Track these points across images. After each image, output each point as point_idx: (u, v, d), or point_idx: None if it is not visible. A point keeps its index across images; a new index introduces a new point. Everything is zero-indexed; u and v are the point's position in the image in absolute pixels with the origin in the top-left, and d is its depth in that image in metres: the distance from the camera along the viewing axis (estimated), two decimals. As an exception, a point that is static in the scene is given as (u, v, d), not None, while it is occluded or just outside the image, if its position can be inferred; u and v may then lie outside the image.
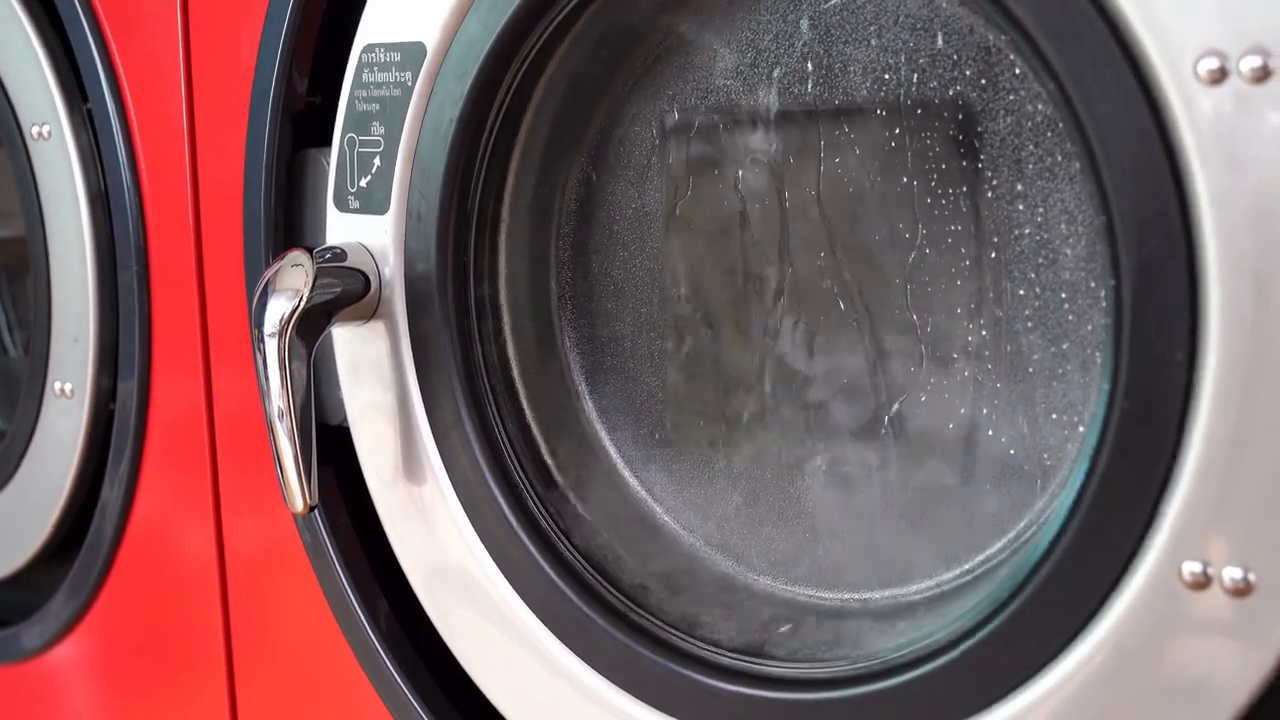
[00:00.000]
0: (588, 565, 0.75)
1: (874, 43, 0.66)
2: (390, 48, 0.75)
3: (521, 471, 0.76)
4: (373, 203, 0.77)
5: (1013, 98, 0.63)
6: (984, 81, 0.63)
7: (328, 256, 0.76)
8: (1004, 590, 0.60)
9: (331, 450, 0.83)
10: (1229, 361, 0.52)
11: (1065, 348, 0.63)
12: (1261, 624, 0.53)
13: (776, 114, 0.71)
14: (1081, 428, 0.63)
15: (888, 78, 0.66)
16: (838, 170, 0.70)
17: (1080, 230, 0.62)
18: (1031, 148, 0.63)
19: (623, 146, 0.77)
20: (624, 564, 0.75)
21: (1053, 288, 0.63)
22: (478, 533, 0.76)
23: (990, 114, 0.63)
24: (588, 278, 0.79)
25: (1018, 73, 0.62)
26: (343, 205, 0.79)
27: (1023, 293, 0.64)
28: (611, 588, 0.74)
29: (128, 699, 1.04)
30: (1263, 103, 0.50)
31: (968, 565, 0.67)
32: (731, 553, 0.76)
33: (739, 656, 0.69)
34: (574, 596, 0.73)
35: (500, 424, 0.77)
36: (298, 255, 0.75)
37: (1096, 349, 0.62)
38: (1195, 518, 0.54)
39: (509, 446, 0.76)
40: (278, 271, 0.74)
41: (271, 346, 0.73)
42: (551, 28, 0.71)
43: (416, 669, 0.82)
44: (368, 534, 0.84)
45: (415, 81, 0.74)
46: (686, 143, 0.75)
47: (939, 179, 0.66)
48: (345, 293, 0.76)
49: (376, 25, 0.76)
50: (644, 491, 0.79)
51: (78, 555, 1.02)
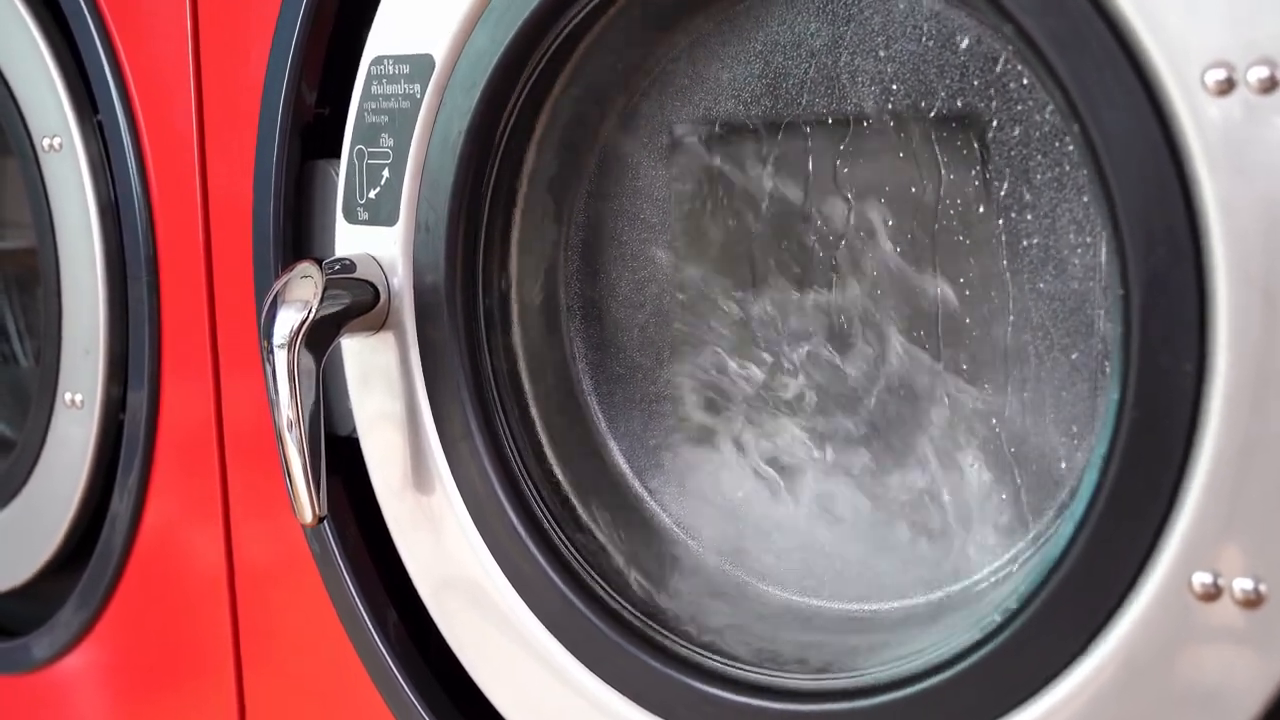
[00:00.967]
0: (596, 576, 0.74)
1: (881, 53, 0.66)
2: (399, 60, 0.75)
3: (530, 482, 0.76)
4: (382, 214, 0.77)
5: (1020, 108, 0.63)
6: (991, 92, 0.63)
7: (337, 268, 0.76)
8: (1014, 601, 0.59)
9: (340, 461, 0.84)
10: (1238, 371, 0.52)
11: (1074, 357, 0.63)
12: (1273, 635, 0.53)
13: (784, 125, 0.71)
14: (1091, 437, 0.63)
15: (895, 88, 0.66)
16: (844, 181, 0.70)
17: (1088, 240, 0.62)
18: (1039, 158, 0.63)
19: (631, 158, 0.77)
20: (632, 575, 0.75)
21: (1061, 297, 0.63)
22: (486, 543, 0.76)
23: (998, 124, 0.63)
24: (597, 289, 0.79)
25: (1025, 83, 0.62)
26: (352, 217, 0.79)
27: (1031, 302, 0.64)
28: (620, 598, 0.74)
29: (137, 709, 1.04)
30: (1270, 113, 0.50)
31: (977, 576, 0.67)
32: (741, 563, 0.76)
33: (748, 667, 0.69)
34: (583, 607, 0.73)
35: (509, 434, 0.77)
36: (307, 267, 0.75)
37: (1105, 359, 0.62)
38: (1205, 528, 0.53)
39: (518, 457, 0.76)
40: (287, 283, 0.74)
41: (281, 358, 0.73)
42: (559, 40, 0.72)
43: (424, 679, 0.82)
44: (376, 544, 0.84)
45: (424, 94, 0.74)
46: (695, 154, 0.75)
47: (946, 189, 0.66)
48: (354, 304, 0.76)
49: (385, 38, 0.76)
50: (653, 501, 0.79)
51: (87, 566, 1.02)
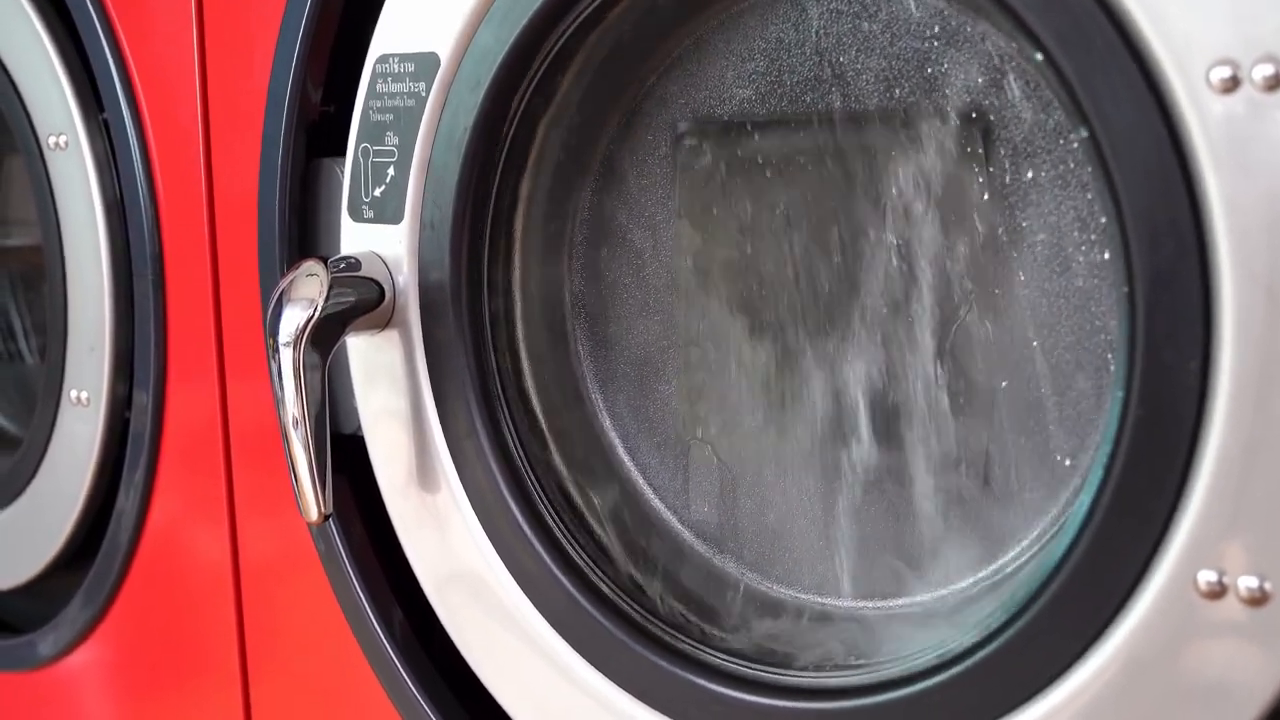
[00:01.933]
0: (601, 573, 0.75)
1: (887, 51, 0.66)
2: (404, 58, 0.75)
3: (535, 480, 0.76)
4: (387, 212, 0.77)
5: (1026, 105, 0.63)
6: (996, 89, 0.63)
7: (342, 266, 0.76)
8: (1019, 598, 0.59)
9: (346, 459, 0.84)
10: (1242, 369, 0.52)
11: (1079, 354, 0.63)
12: (1278, 632, 0.53)
13: (787, 123, 0.71)
14: (1096, 435, 0.63)
15: (899, 86, 0.66)
16: (849, 179, 0.70)
17: (1093, 237, 0.62)
18: (1044, 155, 0.63)
19: (635, 155, 0.77)
20: (636, 573, 0.75)
21: (1066, 294, 0.63)
22: (491, 541, 0.76)
23: (1003, 121, 0.63)
24: (601, 287, 0.79)
25: (1030, 80, 0.62)
26: (357, 215, 0.79)
27: (1036, 299, 0.64)
28: (625, 596, 0.74)
29: (142, 706, 1.04)
30: (1275, 110, 0.50)
31: (983, 573, 0.67)
32: (746, 560, 0.76)
33: (754, 665, 0.69)
34: (587, 604, 0.73)
35: (514, 433, 0.77)
36: (312, 265, 0.75)
37: (1110, 356, 0.62)
38: (1210, 526, 0.53)
39: (523, 455, 0.77)
40: (292, 281, 0.74)
41: (286, 356, 0.73)
42: (564, 38, 0.72)
43: (430, 676, 0.83)
44: (381, 542, 0.84)
45: (429, 92, 0.74)
46: (699, 151, 0.75)
47: (952, 186, 0.66)
48: (360, 302, 0.76)
49: (390, 36, 0.76)
50: (658, 500, 0.79)
51: (93, 563, 1.02)
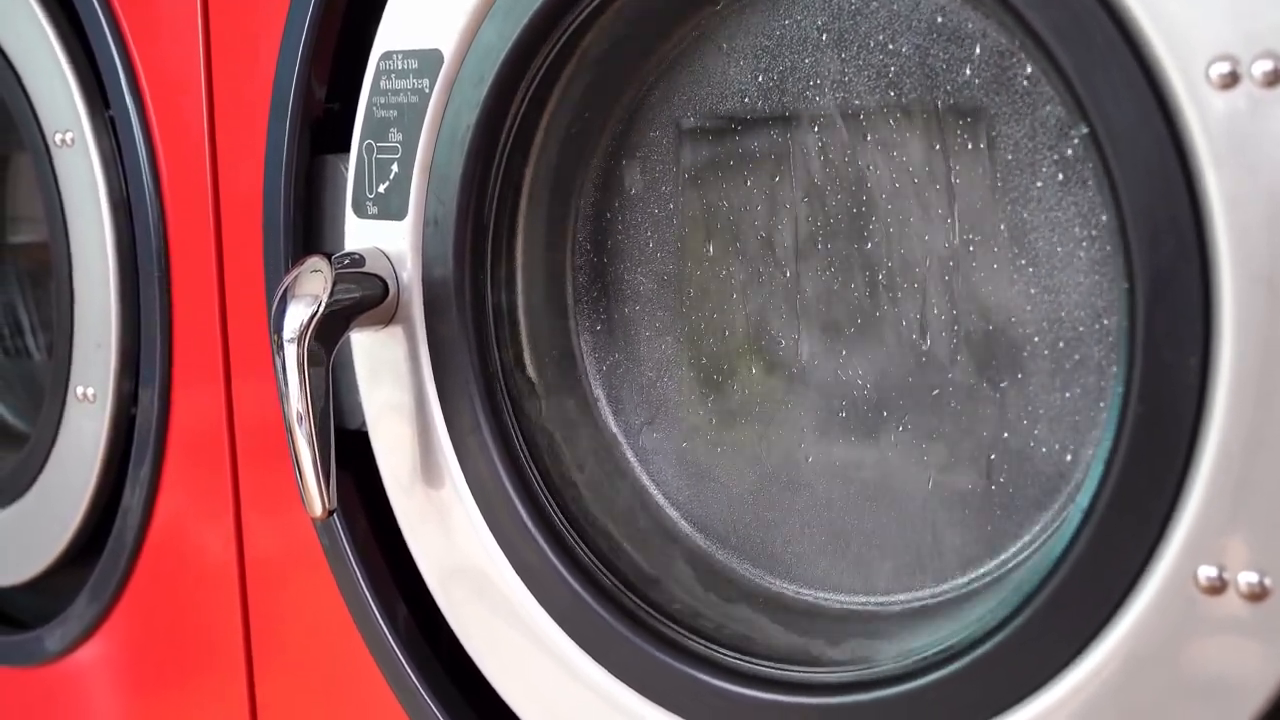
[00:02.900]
0: (604, 569, 0.75)
1: (888, 47, 0.66)
2: (408, 55, 0.76)
3: (538, 476, 0.77)
4: (391, 208, 0.78)
5: (1026, 101, 0.63)
6: (997, 85, 0.63)
7: (346, 262, 0.77)
8: (1020, 595, 0.60)
9: (350, 455, 0.84)
10: (1242, 366, 0.52)
11: (1080, 351, 0.63)
12: (1278, 628, 0.53)
13: (789, 119, 0.71)
14: (1096, 431, 0.63)
15: (901, 82, 0.66)
16: (851, 174, 0.70)
17: (1094, 234, 0.62)
18: (1045, 152, 0.63)
19: (638, 151, 0.77)
20: (640, 567, 0.75)
21: (1066, 290, 0.63)
22: (495, 536, 0.76)
23: (1003, 118, 0.63)
24: (604, 283, 0.80)
25: (1030, 76, 0.62)
26: (361, 211, 0.79)
27: (1036, 294, 0.64)
28: (628, 591, 0.74)
29: (149, 701, 1.05)
30: (1275, 107, 0.50)
31: (983, 570, 0.67)
32: (747, 555, 0.76)
33: (755, 660, 0.69)
34: (590, 600, 0.73)
35: (517, 428, 0.77)
36: (316, 261, 0.75)
37: (1111, 353, 0.62)
38: (1210, 522, 0.53)
39: (526, 451, 0.77)
40: (297, 277, 0.74)
41: (291, 352, 0.73)
42: (566, 35, 0.72)
43: (434, 672, 0.83)
44: (386, 538, 0.84)
45: (432, 88, 0.75)
46: (701, 147, 0.75)
47: (952, 183, 0.66)
48: (364, 298, 0.77)
49: (394, 33, 0.76)
50: (660, 494, 0.79)
51: (99, 559, 1.02)
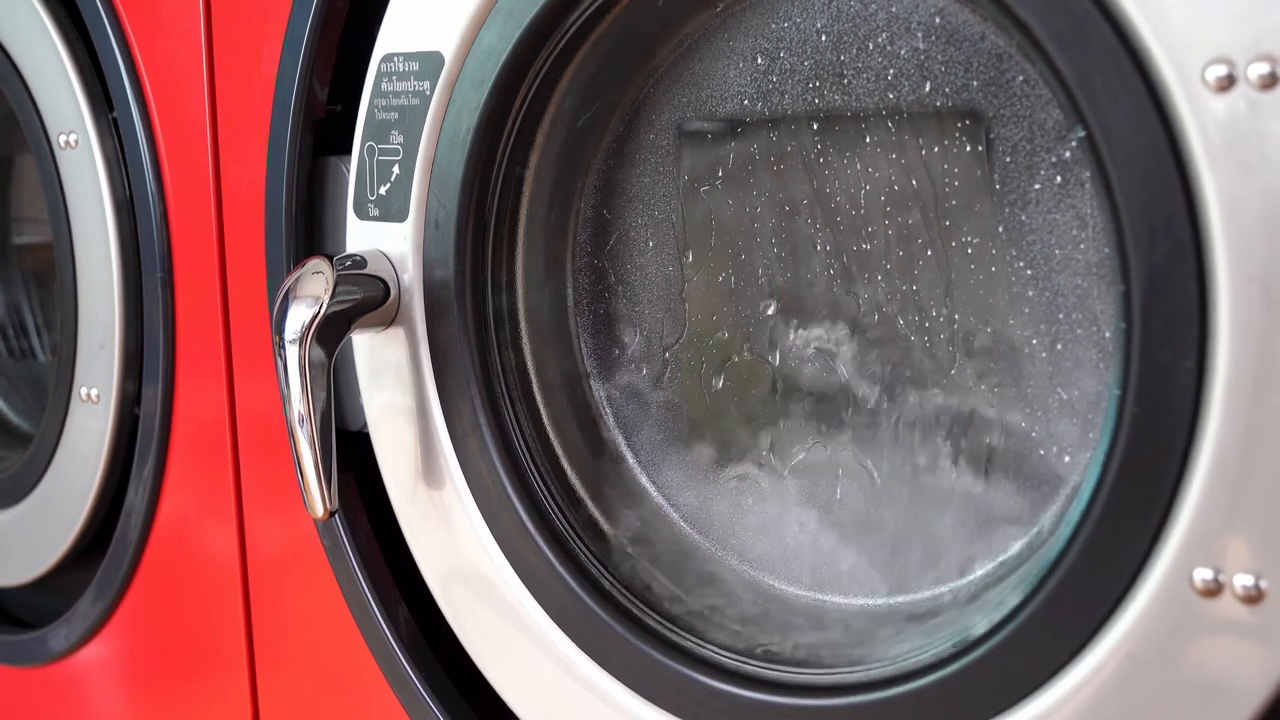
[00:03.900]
0: (604, 570, 0.75)
1: (887, 49, 0.66)
2: (409, 57, 0.76)
3: (538, 476, 0.77)
4: (392, 210, 0.78)
5: (1024, 104, 0.63)
6: (995, 88, 0.63)
7: (348, 264, 0.77)
8: (1016, 596, 0.60)
9: (352, 456, 0.84)
10: (1238, 368, 0.52)
11: (1077, 353, 0.63)
12: (1274, 630, 0.53)
13: (788, 121, 0.71)
14: (1093, 434, 0.63)
15: (900, 84, 0.66)
16: (850, 176, 0.70)
17: (1091, 235, 0.62)
18: (1042, 153, 0.63)
19: (638, 154, 0.77)
20: (639, 569, 0.75)
21: (1064, 292, 0.63)
22: (495, 537, 0.77)
23: (1001, 120, 0.64)
24: (604, 285, 0.80)
25: (1028, 79, 0.62)
26: (362, 213, 0.79)
27: (1034, 296, 0.64)
28: (627, 592, 0.74)
29: (152, 700, 1.05)
30: (1270, 109, 0.50)
31: (981, 572, 0.67)
32: (748, 557, 0.76)
33: (753, 662, 0.69)
34: (589, 601, 0.73)
35: (518, 430, 0.77)
36: (318, 263, 0.75)
37: (1108, 354, 0.62)
38: (1206, 524, 0.54)
39: (526, 452, 0.77)
40: (298, 279, 0.75)
41: (292, 353, 0.73)
42: (567, 38, 0.72)
43: (434, 672, 0.83)
44: (387, 538, 0.85)
45: (433, 90, 0.75)
46: (702, 149, 0.75)
47: (950, 185, 0.66)
48: (365, 299, 0.77)
49: (395, 35, 0.77)
50: (660, 496, 0.79)
51: (103, 559, 1.03)
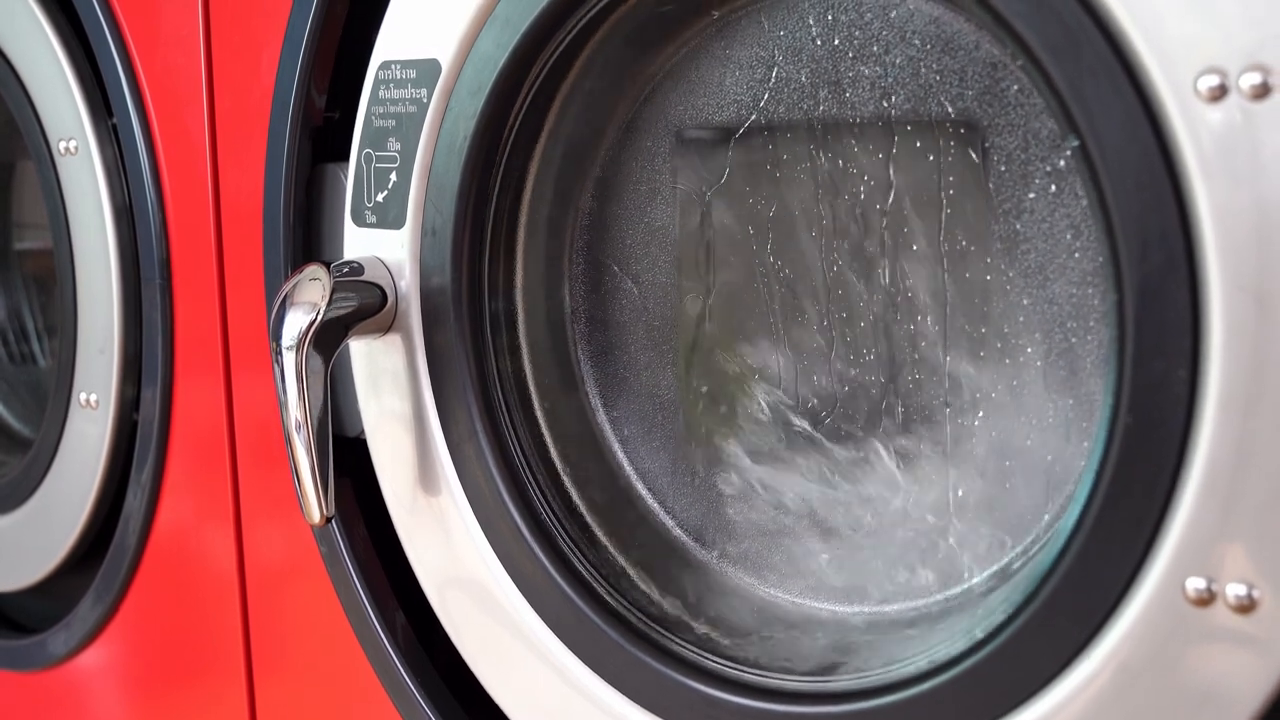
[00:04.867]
0: (600, 578, 0.75)
1: (882, 59, 0.67)
2: (406, 65, 0.76)
3: (535, 483, 0.77)
4: (389, 217, 0.78)
5: (1019, 113, 0.63)
6: (990, 97, 0.64)
7: (345, 270, 0.77)
8: (1009, 605, 0.60)
9: (350, 462, 0.84)
10: (1231, 378, 0.52)
11: (1071, 362, 0.63)
12: (1267, 639, 0.53)
13: (783, 129, 0.71)
14: (1086, 443, 0.63)
15: (894, 94, 0.67)
16: (845, 185, 0.70)
17: (1085, 245, 0.62)
18: (1037, 163, 0.63)
19: (635, 161, 0.77)
20: (635, 576, 0.75)
21: (1057, 302, 0.63)
22: (491, 544, 0.77)
23: (996, 129, 0.64)
24: (601, 292, 0.80)
25: (1023, 88, 0.62)
26: (360, 220, 0.80)
27: (1028, 305, 0.64)
28: (623, 599, 0.74)
29: (150, 704, 1.05)
30: (1263, 119, 0.50)
31: (974, 581, 0.67)
32: (744, 564, 0.76)
33: (750, 669, 0.69)
34: (585, 608, 0.73)
35: (514, 437, 0.77)
36: (315, 269, 0.76)
37: (1101, 364, 0.62)
38: (1199, 534, 0.54)
39: (523, 459, 0.77)
40: (295, 285, 0.75)
41: (289, 359, 0.74)
42: (563, 45, 0.72)
43: (430, 678, 0.83)
44: (385, 545, 0.85)
45: (430, 98, 0.75)
46: (698, 157, 0.75)
47: (944, 193, 0.66)
48: (362, 306, 0.77)
49: (393, 43, 0.77)
50: (656, 503, 0.79)
51: (102, 563, 1.03)
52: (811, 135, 0.70)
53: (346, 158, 0.81)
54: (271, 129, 0.85)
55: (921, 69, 0.65)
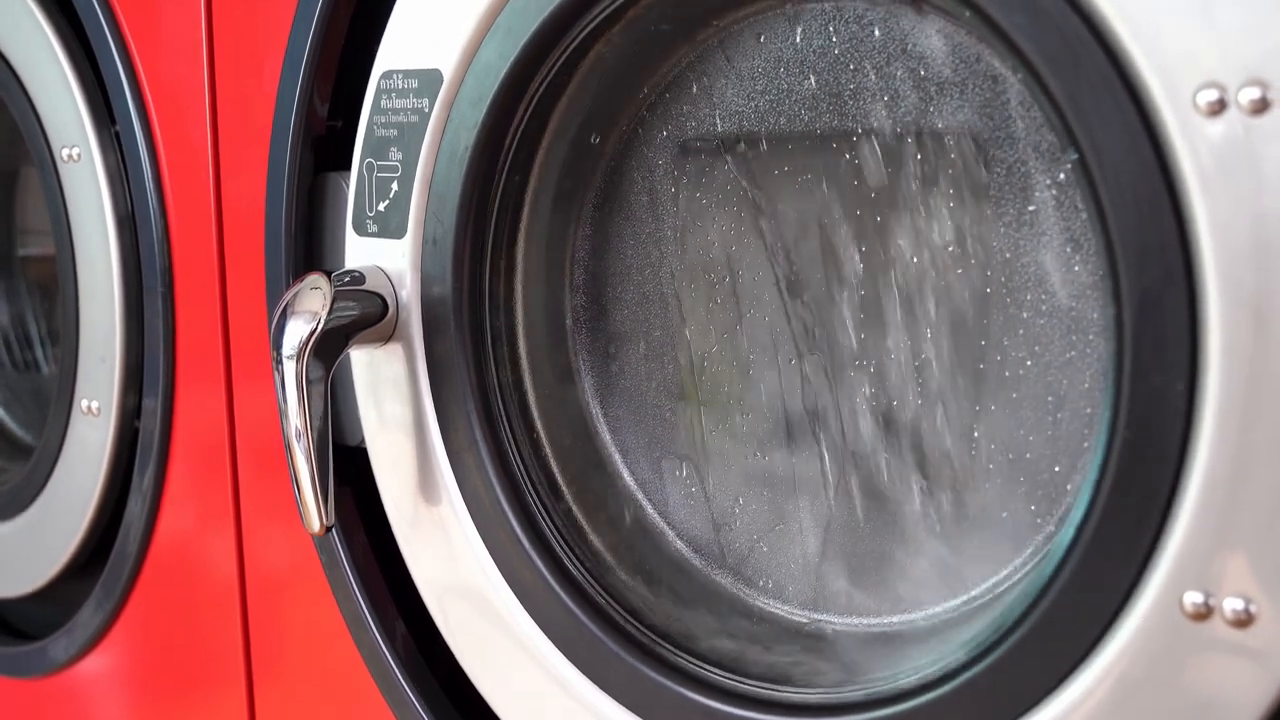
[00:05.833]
0: (599, 588, 0.75)
1: (882, 71, 0.67)
2: (408, 75, 0.76)
3: (534, 493, 0.77)
4: (390, 227, 0.78)
5: (1017, 126, 0.63)
6: (990, 110, 0.64)
7: (346, 280, 0.77)
8: (1007, 619, 0.60)
9: (350, 470, 0.85)
10: (1229, 391, 0.52)
11: (1068, 376, 0.63)
12: (1264, 653, 0.53)
13: (784, 142, 0.71)
14: (1084, 457, 0.63)
15: (895, 105, 0.67)
16: (845, 197, 0.70)
17: (1083, 258, 0.62)
18: (1036, 176, 0.63)
19: (636, 171, 0.78)
20: (634, 586, 0.75)
21: (1056, 315, 0.63)
22: (491, 554, 0.77)
23: (995, 142, 0.64)
24: (602, 302, 0.80)
25: (1023, 101, 0.62)
26: (361, 229, 0.80)
27: (1028, 319, 0.64)
28: (622, 609, 0.74)
29: (151, 711, 1.05)
30: (1262, 134, 0.50)
31: (972, 594, 0.67)
32: (742, 576, 0.76)
33: (750, 681, 0.69)
34: (584, 617, 0.73)
35: (514, 446, 0.77)
36: (316, 278, 0.76)
37: (1099, 378, 0.62)
38: (1197, 548, 0.53)
39: (522, 469, 0.77)
40: (297, 294, 0.75)
41: (290, 368, 0.74)
42: (566, 55, 0.72)
43: (430, 687, 0.83)
44: (386, 553, 0.85)
45: (432, 108, 0.75)
46: (699, 168, 0.76)
47: (944, 206, 0.66)
48: (363, 315, 0.77)
49: (395, 53, 0.77)
50: (657, 514, 0.79)
51: (103, 570, 1.03)
52: (810, 147, 0.70)
53: (348, 167, 0.81)
54: (274, 138, 0.85)
55: (922, 82, 0.65)
